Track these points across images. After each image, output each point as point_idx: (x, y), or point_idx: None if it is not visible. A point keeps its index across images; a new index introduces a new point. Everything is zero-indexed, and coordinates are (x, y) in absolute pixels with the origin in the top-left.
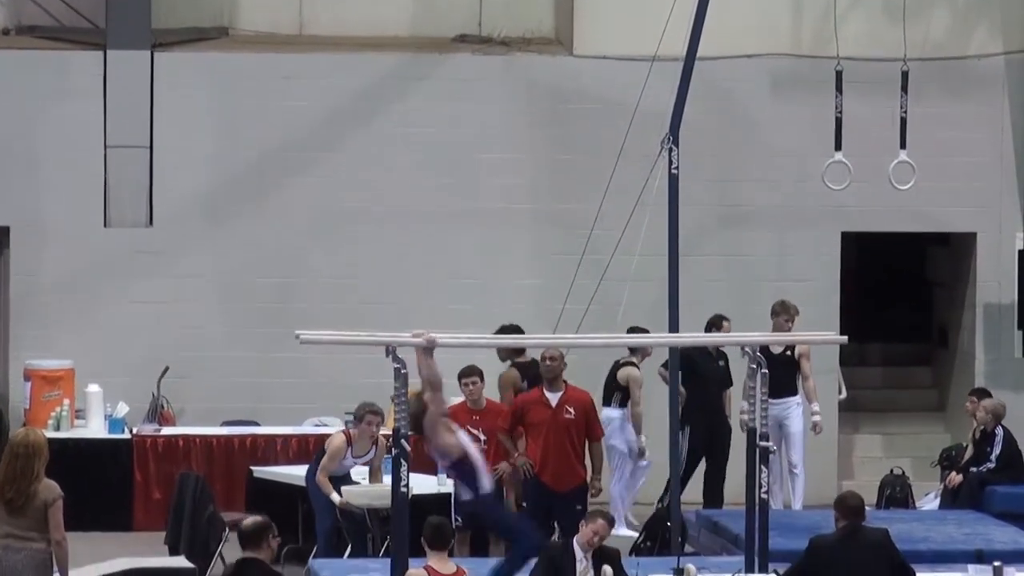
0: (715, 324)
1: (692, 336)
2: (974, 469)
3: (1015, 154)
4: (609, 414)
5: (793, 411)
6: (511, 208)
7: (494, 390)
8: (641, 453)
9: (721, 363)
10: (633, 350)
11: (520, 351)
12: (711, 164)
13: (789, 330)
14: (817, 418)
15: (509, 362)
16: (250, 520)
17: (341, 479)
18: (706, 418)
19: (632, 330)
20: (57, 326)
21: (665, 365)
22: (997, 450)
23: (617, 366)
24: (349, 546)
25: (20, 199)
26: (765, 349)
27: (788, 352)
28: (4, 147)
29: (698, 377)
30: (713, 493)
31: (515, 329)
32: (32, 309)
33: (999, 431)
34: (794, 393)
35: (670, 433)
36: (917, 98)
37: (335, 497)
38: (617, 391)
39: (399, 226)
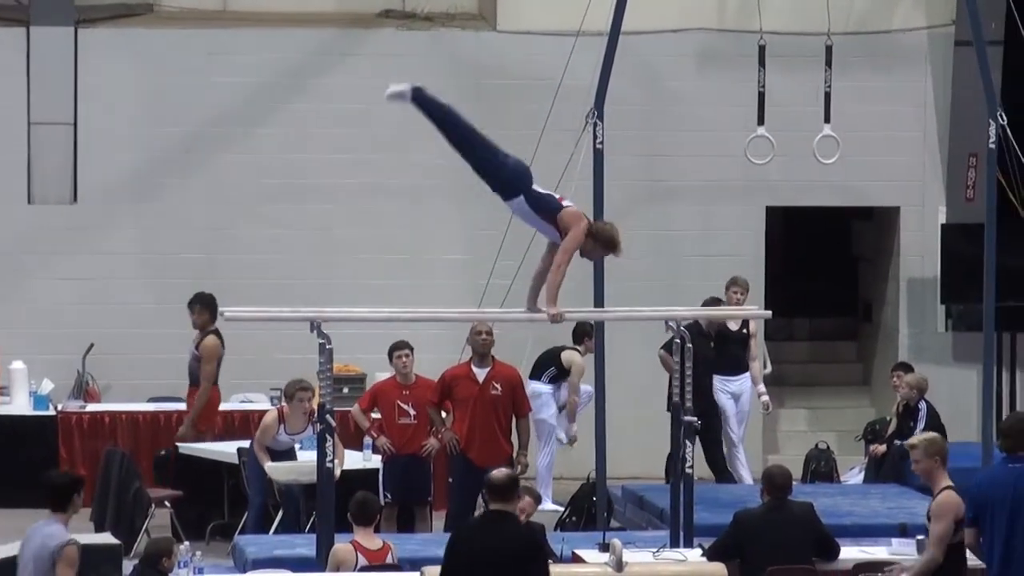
0: (711, 306)
1: (619, 311)
2: (898, 443)
3: (938, 128)
4: (538, 388)
5: (747, 388)
6: (436, 184)
7: (424, 366)
8: (572, 441)
9: (711, 344)
10: (579, 339)
11: (214, 318)
12: (636, 139)
13: (740, 303)
14: (765, 398)
15: (203, 331)
16: (501, 473)
17: (284, 454)
18: (699, 399)
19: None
20: None
21: (665, 347)
22: (921, 424)
23: (560, 348)
24: (275, 522)
25: None
26: (724, 326)
27: (744, 330)
28: None
29: (694, 358)
30: (718, 468)
31: (211, 298)
32: None
33: (922, 405)
34: (747, 370)
35: (596, 411)
36: (841, 72)
37: (268, 466)
38: (553, 367)
39: (324, 202)
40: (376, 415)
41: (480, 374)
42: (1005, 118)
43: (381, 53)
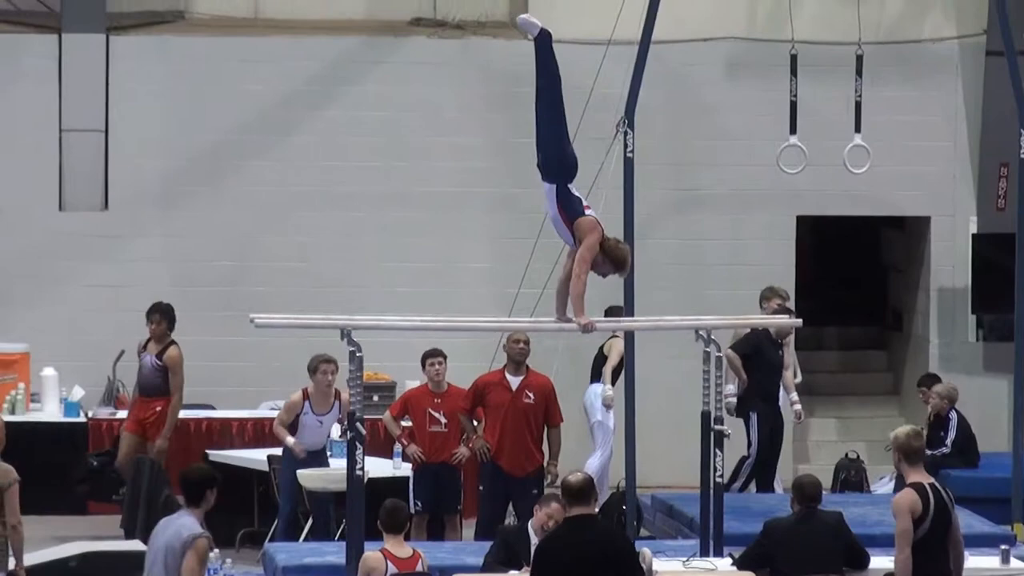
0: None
1: (648, 320)
2: (929, 453)
3: (968, 138)
4: (598, 391)
5: (781, 397)
6: (466, 192)
7: (451, 374)
8: (606, 402)
9: (780, 352)
10: None
11: (172, 328)
12: (666, 148)
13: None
14: (797, 407)
15: (162, 342)
16: (576, 477)
17: (317, 455)
18: (768, 407)
19: (610, 311)
20: (12, 310)
21: (733, 347)
22: (952, 435)
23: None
24: (305, 529)
25: None
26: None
27: (780, 340)
28: None
29: (763, 364)
30: (766, 480)
31: (170, 308)
32: None
33: (953, 415)
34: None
35: (626, 419)
36: (871, 82)
37: (289, 440)
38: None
39: (354, 209)
40: (407, 423)
41: (514, 382)
42: None
43: (412, 61)
